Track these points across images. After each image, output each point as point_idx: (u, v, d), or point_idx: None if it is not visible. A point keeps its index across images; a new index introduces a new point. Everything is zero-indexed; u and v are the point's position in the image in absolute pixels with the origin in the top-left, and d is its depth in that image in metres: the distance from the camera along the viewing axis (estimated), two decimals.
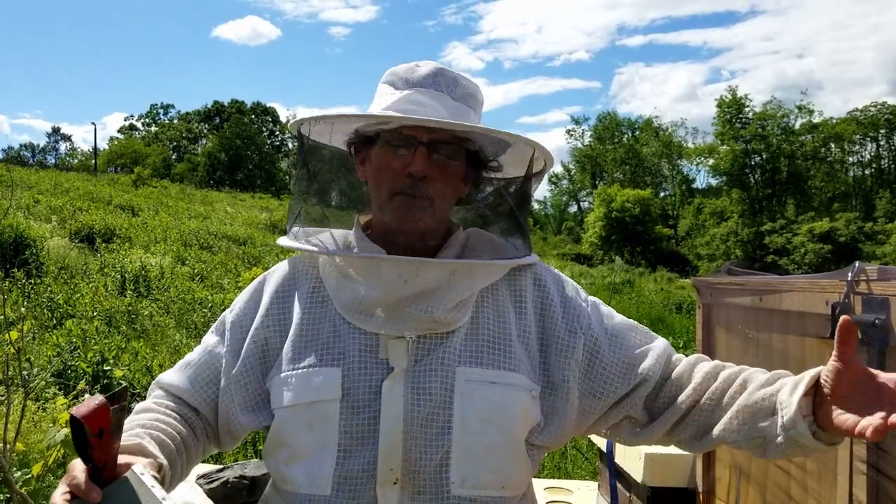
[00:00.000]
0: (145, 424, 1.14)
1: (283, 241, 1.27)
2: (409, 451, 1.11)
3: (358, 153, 1.26)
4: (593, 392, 1.22)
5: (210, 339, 1.28)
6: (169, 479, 1.07)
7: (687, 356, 1.28)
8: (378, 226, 1.24)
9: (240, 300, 1.29)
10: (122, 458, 0.95)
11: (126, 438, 1.03)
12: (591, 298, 1.30)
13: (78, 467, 0.91)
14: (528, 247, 1.25)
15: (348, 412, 1.12)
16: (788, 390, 1.07)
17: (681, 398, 1.20)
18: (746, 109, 54.41)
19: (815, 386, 1.04)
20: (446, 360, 1.14)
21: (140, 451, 1.02)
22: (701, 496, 1.99)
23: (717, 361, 1.24)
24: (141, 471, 0.92)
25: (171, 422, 1.19)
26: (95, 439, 0.88)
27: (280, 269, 1.30)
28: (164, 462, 1.05)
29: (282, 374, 1.17)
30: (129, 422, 1.15)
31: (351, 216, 1.30)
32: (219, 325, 1.29)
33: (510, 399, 1.15)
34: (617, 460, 2.27)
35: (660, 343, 1.27)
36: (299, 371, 1.16)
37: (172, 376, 1.28)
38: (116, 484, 0.91)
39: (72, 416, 0.88)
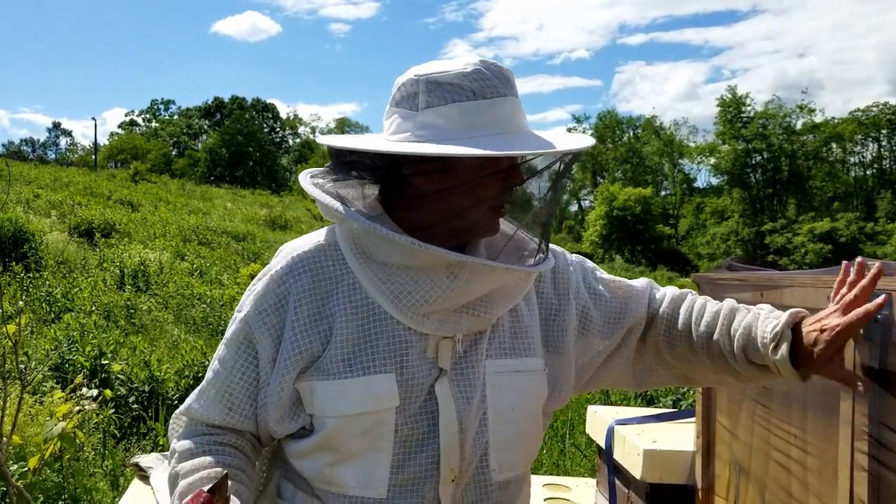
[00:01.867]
0: (210, 476, 1.10)
1: (379, 229, 1.07)
2: (464, 448, 1.14)
3: (412, 161, 1.10)
4: (588, 351, 1.30)
5: (230, 352, 1.17)
6: None
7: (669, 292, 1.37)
8: (418, 223, 1.13)
9: (258, 306, 1.15)
10: None
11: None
12: (575, 258, 1.35)
13: None
14: (549, 242, 1.22)
15: (404, 418, 1.12)
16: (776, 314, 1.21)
17: (673, 336, 1.31)
18: (747, 108, 54.44)
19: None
20: (479, 357, 1.17)
21: None
22: (700, 493, 1.98)
23: (695, 300, 1.34)
24: None
25: (229, 460, 1.14)
26: None
27: (302, 266, 1.16)
28: None
29: (331, 381, 1.11)
30: (184, 469, 1.13)
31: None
32: (238, 336, 1.16)
33: (533, 384, 1.22)
34: (616, 457, 2.26)
35: (640, 287, 1.36)
36: (353, 378, 1.10)
37: (202, 406, 1.18)
38: None
39: None
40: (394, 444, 1.12)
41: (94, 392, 4.24)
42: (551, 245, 1.31)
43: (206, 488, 0.93)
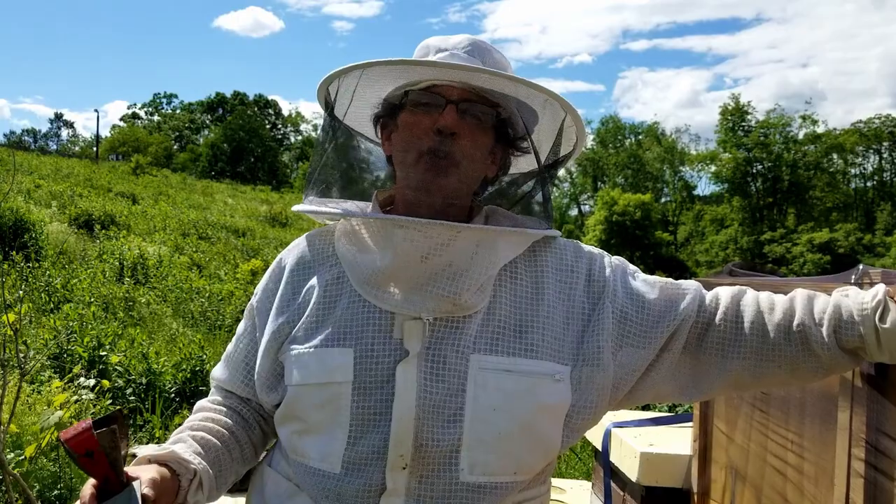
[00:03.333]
0: (193, 426, 1.19)
1: (298, 207, 1.23)
2: (420, 437, 1.09)
3: (384, 128, 1.23)
4: (628, 360, 1.17)
5: (241, 326, 1.29)
6: (210, 478, 1.11)
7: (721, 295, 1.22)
8: (401, 198, 1.19)
9: (263, 283, 1.28)
10: (141, 471, 1.01)
11: (162, 446, 1.10)
12: (615, 261, 1.25)
13: (87, 484, 0.97)
14: (551, 221, 1.21)
15: (360, 394, 1.11)
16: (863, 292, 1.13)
17: (735, 338, 1.17)
18: (749, 118, 54.55)
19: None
20: (461, 347, 1.11)
21: (172, 459, 1.07)
22: (696, 497, 1.99)
23: (759, 294, 1.21)
24: (137, 487, 0.98)
25: (220, 418, 1.23)
26: (85, 459, 0.94)
27: (298, 248, 1.27)
28: (198, 466, 1.09)
29: (294, 351, 1.16)
30: (186, 421, 1.23)
31: (369, 191, 1.27)
32: (248, 311, 1.29)
33: (525, 387, 1.11)
34: (612, 459, 2.27)
35: (688, 287, 1.22)
36: (312, 349, 1.14)
37: (220, 370, 1.31)
38: (115, 498, 0.97)
39: (58, 438, 0.97)
40: (350, 419, 1.11)
41: (92, 382, 4.24)
42: (590, 247, 1.27)
43: (90, 420, 0.97)
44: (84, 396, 4.02)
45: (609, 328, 1.17)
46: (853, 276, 1.33)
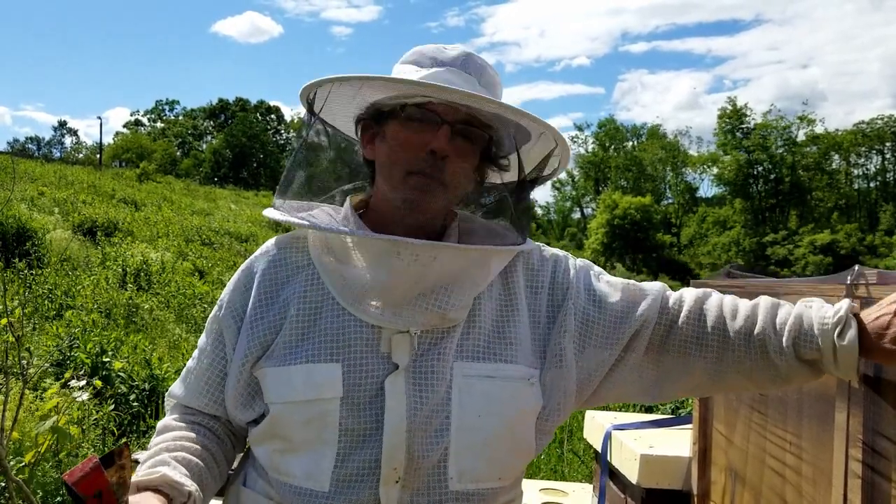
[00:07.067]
0: (169, 447, 1.14)
1: (271, 213, 1.18)
2: (412, 449, 1.08)
3: (366, 130, 1.19)
4: (591, 361, 1.18)
5: (204, 340, 1.23)
6: (201, 499, 1.08)
7: (685, 296, 1.24)
8: (380, 208, 1.17)
9: (228, 294, 1.22)
10: (142, 500, 0.98)
11: (149, 471, 1.05)
12: (580, 263, 1.27)
13: None
14: (527, 232, 1.21)
15: (349, 411, 1.09)
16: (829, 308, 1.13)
17: (696, 340, 1.18)
18: (748, 119, 54.62)
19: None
20: (444, 356, 1.11)
21: (165, 484, 1.04)
22: (696, 499, 1.99)
23: (724, 297, 1.22)
24: None
25: (192, 436, 1.18)
26: (94, 500, 0.91)
27: (268, 256, 1.22)
28: (191, 488, 1.06)
29: (277, 367, 1.12)
30: (153, 443, 1.18)
31: (343, 196, 1.23)
32: (212, 324, 1.23)
33: (507, 392, 1.12)
34: (613, 461, 2.27)
35: (651, 289, 1.24)
36: (297, 365, 1.11)
37: (180, 388, 1.25)
38: None
39: (64, 482, 0.91)
40: (339, 436, 1.09)
41: (83, 383, 4.24)
42: (554, 250, 1.28)
43: (97, 458, 0.92)
44: (78, 398, 4.01)
45: (572, 330, 1.18)
46: (849, 277, 1.34)
